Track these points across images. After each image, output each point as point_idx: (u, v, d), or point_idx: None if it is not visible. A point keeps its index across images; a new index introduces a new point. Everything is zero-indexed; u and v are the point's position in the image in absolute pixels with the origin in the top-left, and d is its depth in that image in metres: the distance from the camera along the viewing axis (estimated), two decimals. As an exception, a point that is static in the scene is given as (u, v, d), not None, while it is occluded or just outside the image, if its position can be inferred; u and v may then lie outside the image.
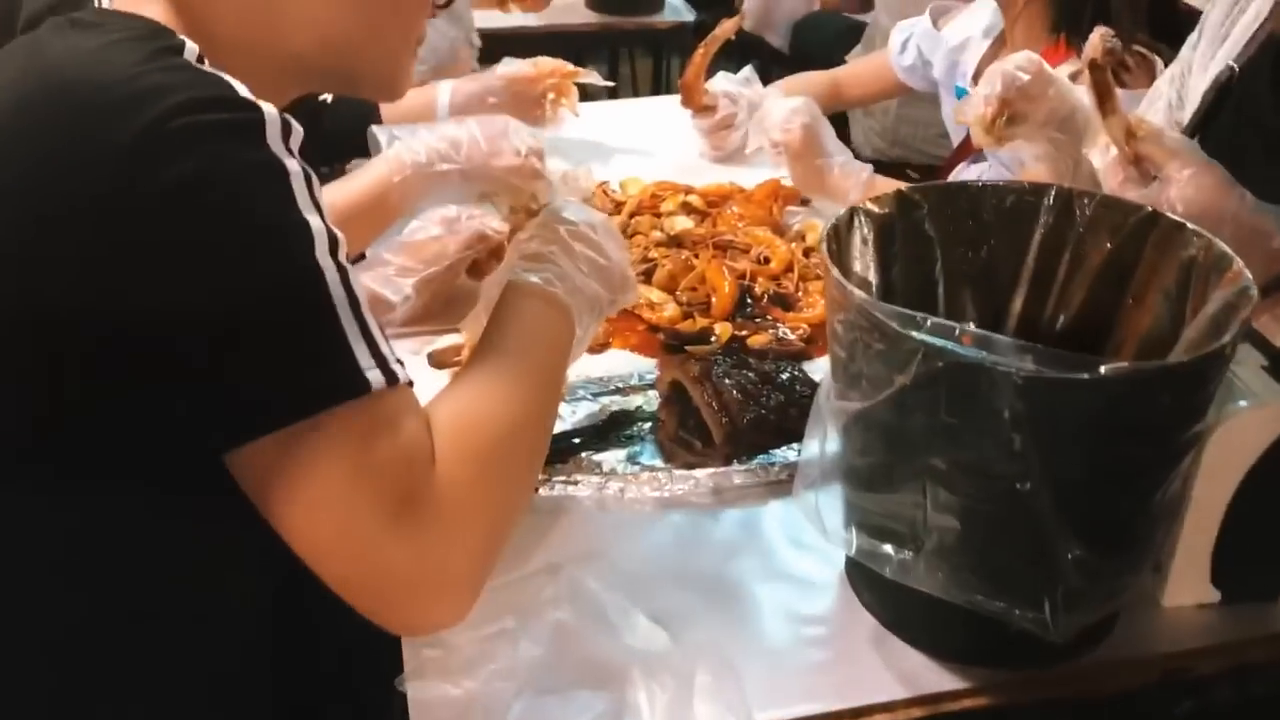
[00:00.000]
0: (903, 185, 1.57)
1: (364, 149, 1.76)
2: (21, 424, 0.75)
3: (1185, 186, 1.05)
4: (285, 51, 0.85)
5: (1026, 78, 1.25)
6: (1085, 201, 0.97)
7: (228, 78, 0.74)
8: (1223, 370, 0.80)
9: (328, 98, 1.74)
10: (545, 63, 1.75)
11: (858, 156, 1.64)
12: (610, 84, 1.81)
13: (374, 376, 0.73)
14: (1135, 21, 1.58)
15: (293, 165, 0.73)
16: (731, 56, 3.96)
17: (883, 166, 2.36)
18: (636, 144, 1.87)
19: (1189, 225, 0.92)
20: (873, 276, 0.96)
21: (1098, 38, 1.12)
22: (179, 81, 0.71)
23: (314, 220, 0.73)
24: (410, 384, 0.77)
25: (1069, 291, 0.99)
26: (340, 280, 0.74)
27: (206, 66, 0.77)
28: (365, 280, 1.28)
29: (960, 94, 1.77)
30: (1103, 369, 0.73)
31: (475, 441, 0.80)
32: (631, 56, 2.95)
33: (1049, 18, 1.60)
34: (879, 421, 0.82)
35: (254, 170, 0.71)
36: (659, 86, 2.71)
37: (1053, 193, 0.98)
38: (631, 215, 1.57)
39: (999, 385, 0.74)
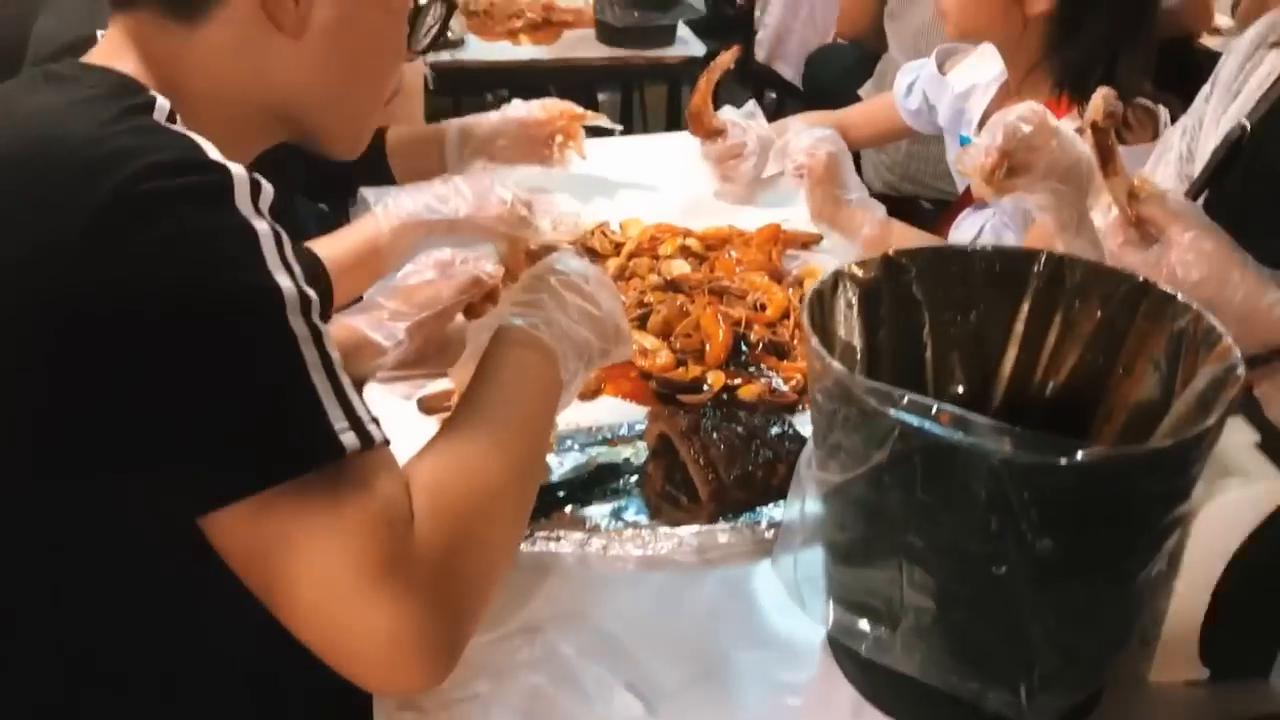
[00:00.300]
0: (915, 231, 1.58)
1: (375, 178, 1.76)
2: None
3: (1186, 251, 1.03)
4: (258, 106, 0.86)
5: (1028, 129, 1.24)
6: (1075, 269, 0.96)
7: (196, 138, 0.75)
8: (1207, 453, 0.78)
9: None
10: (554, 105, 1.75)
11: (870, 191, 1.64)
12: (618, 126, 1.81)
13: (348, 439, 0.73)
14: (1140, 77, 1.56)
15: (262, 226, 0.73)
16: (745, 88, 3.97)
17: (894, 201, 2.37)
18: (643, 179, 1.86)
19: (1179, 296, 0.90)
20: (857, 341, 0.95)
21: (1099, 99, 1.10)
22: (146, 144, 0.71)
23: (285, 282, 0.72)
24: (386, 443, 0.77)
25: (1059, 358, 0.98)
26: (313, 341, 0.74)
27: (177, 125, 0.77)
28: (358, 324, 1.28)
29: (965, 143, 1.76)
30: (1080, 454, 0.71)
31: (456, 502, 0.79)
32: (641, 88, 2.95)
33: (1053, 76, 1.58)
34: (856, 497, 0.81)
35: (222, 234, 0.71)
36: (672, 117, 2.71)
37: (1043, 259, 0.97)
38: (630, 257, 1.57)
39: (975, 467, 0.73)
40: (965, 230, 1.74)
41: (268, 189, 0.76)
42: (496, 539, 0.82)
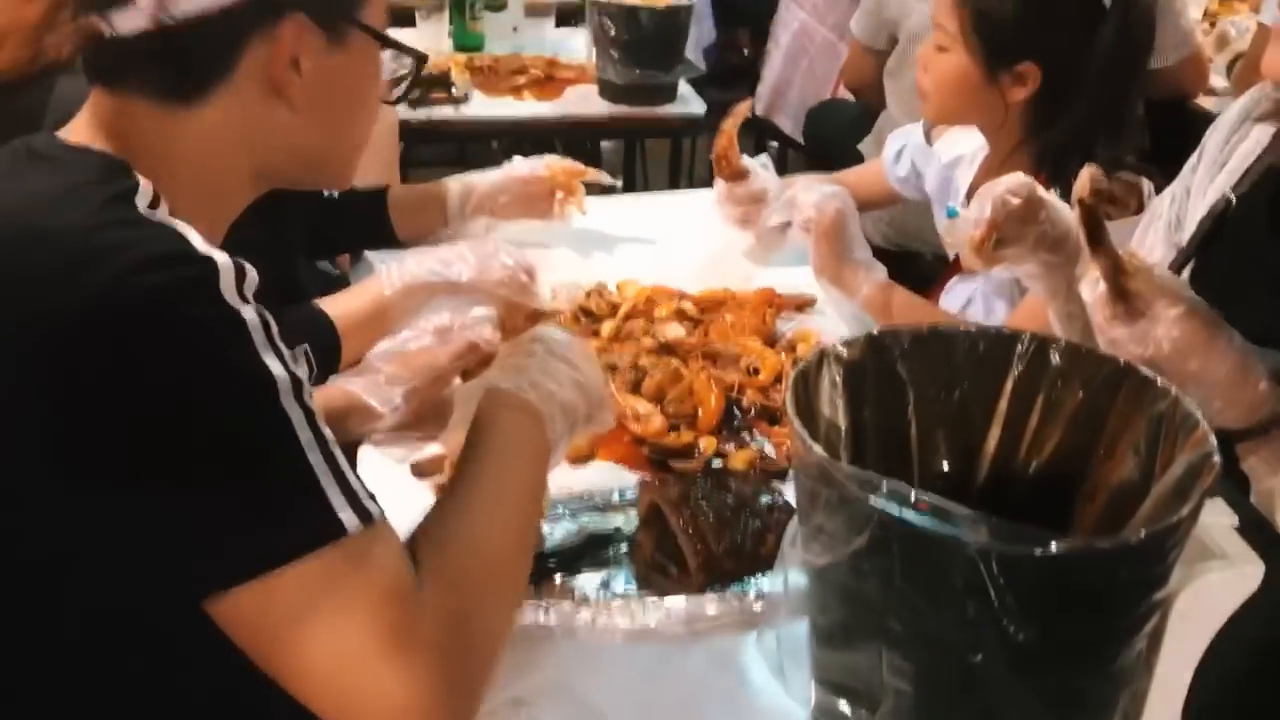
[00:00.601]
0: (914, 298, 1.59)
1: (377, 236, 1.79)
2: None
3: (1173, 326, 1.05)
4: (247, 171, 0.88)
5: (1017, 202, 1.26)
6: (1058, 350, 0.97)
7: (180, 227, 0.76)
8: (1183, 541, 0.79)
9: (333, 193, 1.77)
10: (555, 162, 1.78)
11: (870, 244, 1.66)
12: (617, 182, 1.83)
13: (348, 518, 0.74)
14: (1122, 152, 1.58)
15: (249, 314, 0.74)
16: (746, 139, 4.02)
17: (894, 255, 2.39)
18: (642, 235, 1.89)
19: (1159, 381, 0.91)
20: (842, 419, 0.96)
21: (1087, 176, 1.12)
22: (132, 237, 0.73)
23: (275, 366, 0.74)
24: (384, 517, 0.78)
25: (1042, 437, 0.99)
26: (307, 423, 0.75)
27: (160, 210, 0.78)
28: (355, 388, 1.30)
29: (952, 214, 1.78)
30: (1055, 545, 0.72)
31: (460, 570, 0.81)
32: (643, 142, 2.98)
33: (1033, 158, 1.61)
34: (837, 580, 0.82)
35: (211, 325, 0.73)
36: (674, 173, 2.74)
37: (1026, 340, 0.98)
38: (626, 319, 1.58)
39: (952, 555, 0.74)
40: (955, 298, 1.76)
41: (252, 275, 0.77)
42: (501, 603, 0.85)
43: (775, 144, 3.56)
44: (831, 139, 3.07)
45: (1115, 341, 1.05)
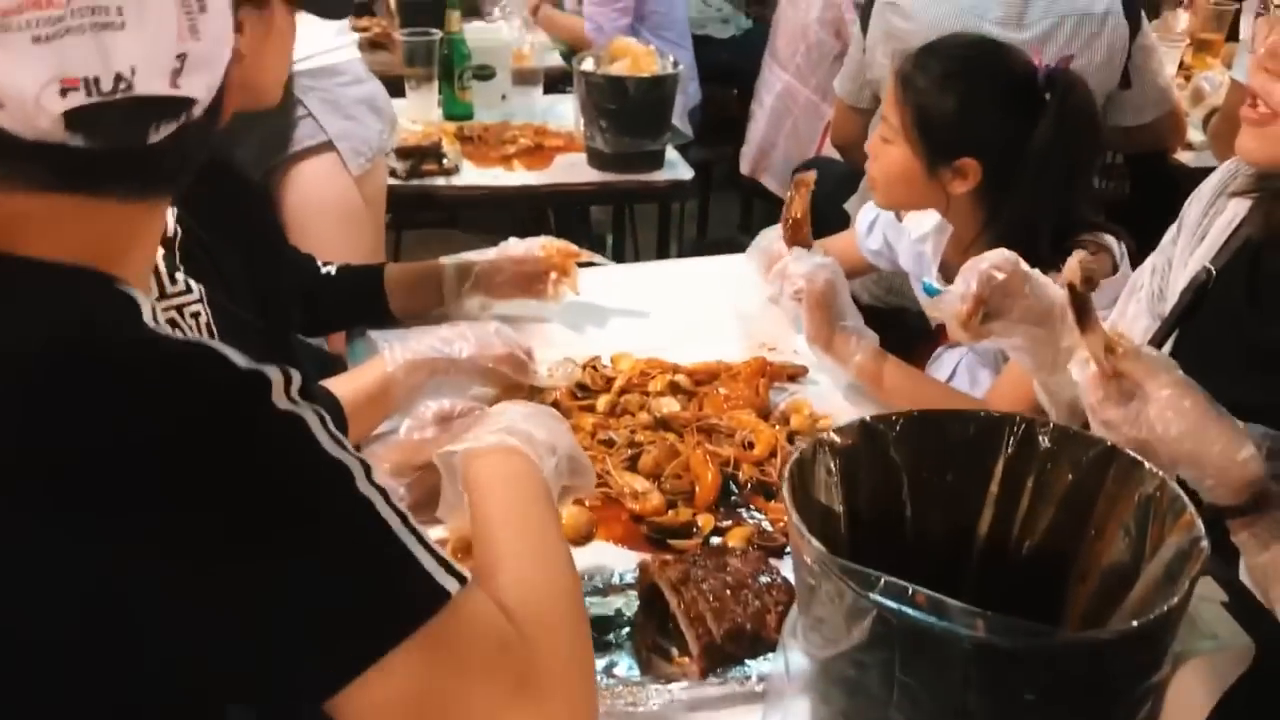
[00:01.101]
0: (905, 368, 1.62)
1: (372, 314, 1.81)
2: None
3: (1165, 407, 1.06)
4: None
5: (1001, 276, 1.28)
6: (1046, 433, 1.00)
7: (214, 346, 0.77)
8: (1175, 627, 0.81)
9: (330, 270, 1.80)
10: (550, 243, 1.81)
11: (857, 303, 1.69)
12: (609, 261, 1.87)
13: (448, 582, 0.76)
14: (1087, 214, 1.62)
15: (306, 413, 0.76)
16: (732, 198, 4.06)
17: (881, 313, 2.42)
18: (634, 306, 1.91)
19: (1146, 464, 0.94)
20: (838, 505, 0.98)
21: (1076, 261, 1.15)
22: (173, 370, 0.72)
23: (343, 455, 0.76)
24: (472, 575, 0.80)
25: (1033, 518, 1.01)
26: (386, 502, 0.77)
27: (160, 322, 0.77)
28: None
29: (928, 289, 1.81)
30: (1050, 639, 0.74)
31: (542, 608, 0.85)
32: (632, 208, 3.02)
33: (995, 241, 1.63)
34: (839, 671, 0.84)
35: (276, 434, 0.74)
36: (663, 237, 2.78)
37: (1015, 423, 1.01)
38: (621, 393, 1.61)
39: (950, 649, 0.76)
40: (941, 366, 1.79)
41: (296, 376, 0.79)
42: (582, 626, 0.89)
43: (762, 203, 3.61)
44: (817, 198, 3.10)
45: (1109, 423, 1.06)
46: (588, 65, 2.50)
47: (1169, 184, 2.83)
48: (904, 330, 2.34)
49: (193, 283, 1.25)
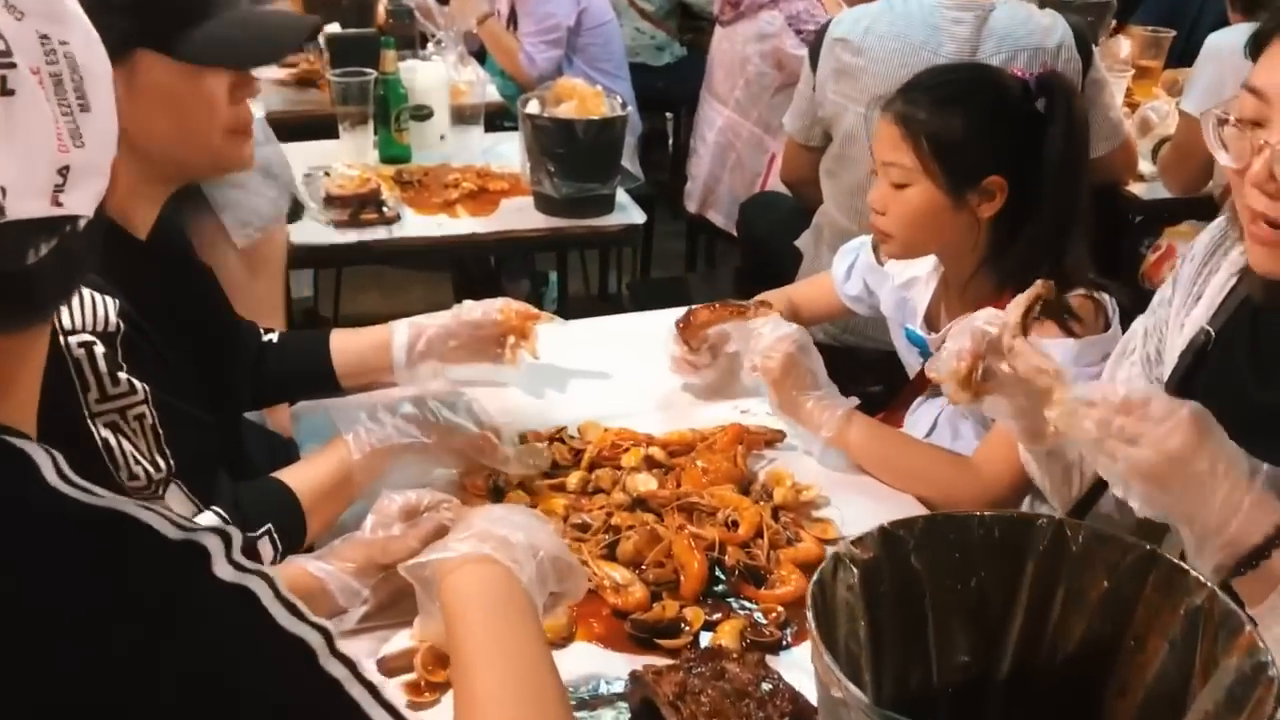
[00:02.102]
0: (874, 426, 1.55)
1: (317, 382, 1.70)
2: None
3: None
4: None
5: (995, 330, 1.23)
6: (1078, 534, 0.93)
7: (142, 515, 0.65)
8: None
9: (273, 337, 1.68)
10: (507, 306, 1.71)
11: (814, 340, 1.62)
12: (565, 324, 1.77)
13: None
14: (1084, 268, 1.57)
15: (253, 582, 0.66)
16: (677, 236, 3.98)
17: (836, 350, 2.35)
18: (593, 366, 1.82)
19: (1191, 571, 0.87)
20: (861, 626, 0.90)
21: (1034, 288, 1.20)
22: (85, 538, 0.62)
23: (301, 629, 0.66)
24: None
25: (1066, 626, 0.94)
26: (354, 676, 0.68)
27: (69, 477, 0.65)
28: (321, 575, 1.20)
29: (910, 334, 1.75)
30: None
31: None
32: (583, 257, 2.92)
33: (996, 276, 1.60)
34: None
35: (224, 608, 0.64)
36: (604, 277, 2.68)
37: (1043, 524, 0.93)
38: (591, 467, 1.51)
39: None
40: (920, 419, 1.72)
41: (237, 537, 0.69)
42: None
43: (707, 238, 3.54)
44: (767, 234, 3.05)
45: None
46: (533, 108, 2.41)
47: (1120, 216, 2.82)
48: (860, 367, 2.29)
49: (136, 382, 1.14)
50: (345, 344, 1.71)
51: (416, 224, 2.41)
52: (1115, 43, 3.26)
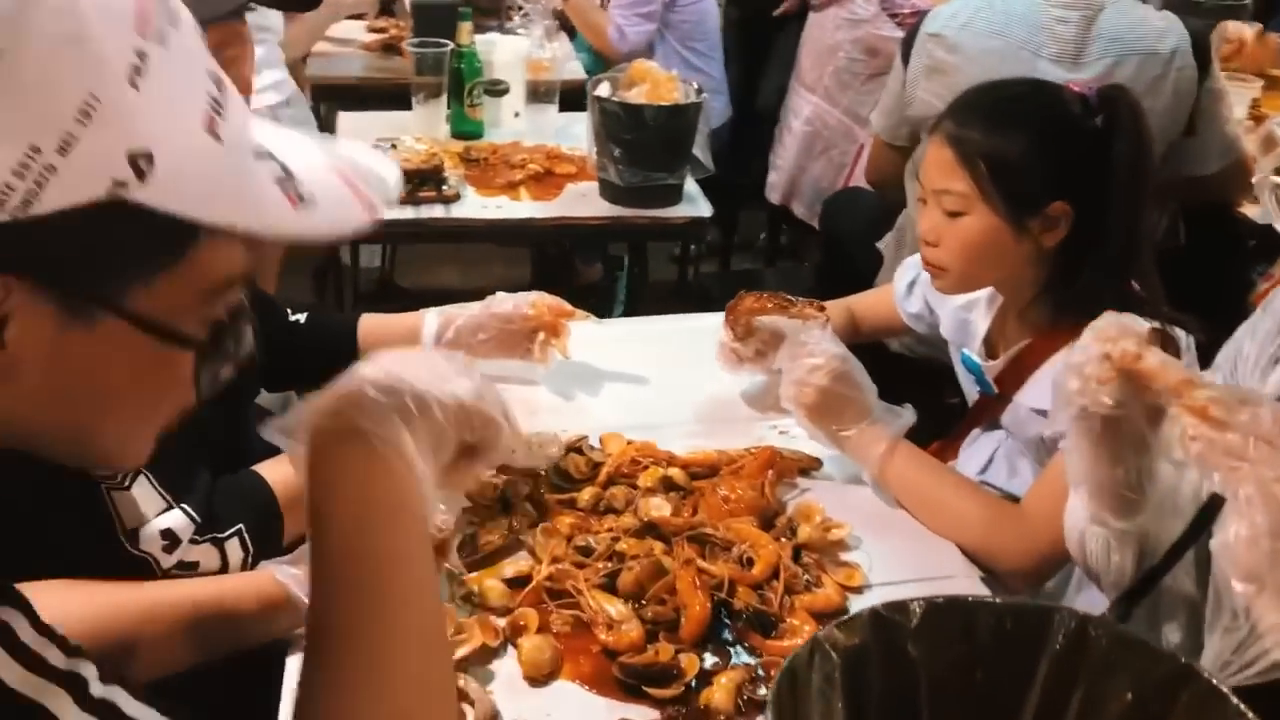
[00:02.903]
0: (920, 458, 1.42)
1: (336, 373, 1.63)
2: None
3: None
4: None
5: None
6: (1102, 635, 0.80)
7: None
8: None
9: (300, 318, 1.63)
10: (541, 300, 1.62)
11: (883, 349, 1.49)
12: (602, 322, 1.67)
13: None
14: (1155, 301, 1.43)
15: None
16: (758, 225, 3.84)
17: (911, 363, 2.22)
18: (634, 371, 1.72)
19: (1233, 698, 0.74)
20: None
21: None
22: None
23: (38, 690, 0.58)
24: None
25: (1081, 738, 0.81)
26: None
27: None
28: (287, 581, 1.13)
29: (966, 359, 1.62)
30: None
31: None
32: (644, 248, 2.81)
33: (1053, 305, 1.48)
34: None
35: None
36: (683, 272, 2.57)
37: (1063, 618, 0.81)
38: (607, 484, 1.41)
39: None
40: (977, 453, 1.58)
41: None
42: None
43: (787, 228, 3.40)
44: (849, 232, 2.91)
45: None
46: (603, 90, 2.31)
47: (1228, 238, 2.61)
48: (933, 379, 2.13)
49: None
50: (374, 329, 1.64)
51: (475, 204, 2.33)
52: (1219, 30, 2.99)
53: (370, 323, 1.65)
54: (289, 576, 1.14)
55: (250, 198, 0.58)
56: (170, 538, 1.15)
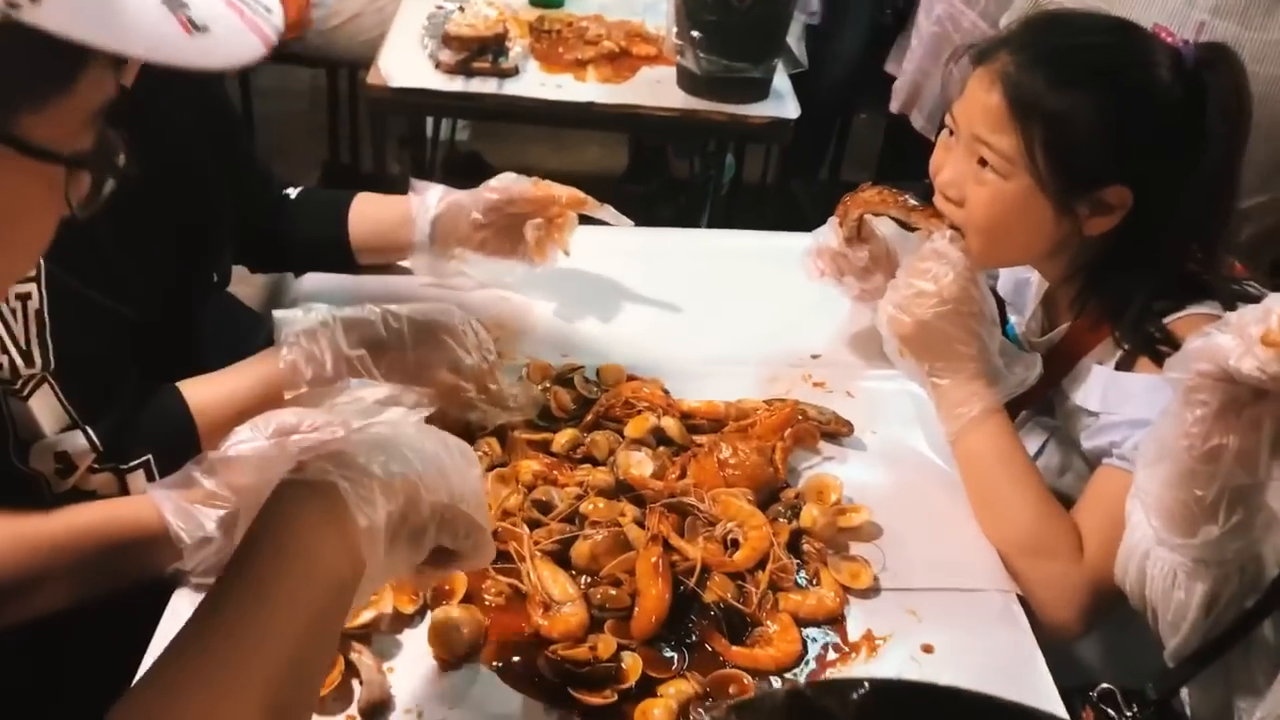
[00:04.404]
0: (1008, 440, 1.18)
1: (323, 258, 1.45)
2: None
3: None
4: None
5: None
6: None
7: None
8: None
9: (293, 193, 1.44)
10: (553, 187, 1.40)
11: None
12: (629, 222, 1.43)
13: None
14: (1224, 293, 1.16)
15: None
16: (875, 136, 3.49)
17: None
18: (656, 295, 1.49)
19: None
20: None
21: None
22: None
23: None
24: None
25: None
26: None
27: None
28: (165, 507, 0.96)
29: (1010, 332, 1.35)
30: None
31: None
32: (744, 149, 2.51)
33: (1074, 295, 1.24)
34: None
35: None
36: (786, 177, 2.28)
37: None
38: (592, 426, 1.20)
39: None
40: (1027, 440, 1.27)
41: None
42: None
43: (914, 149, 3.06)
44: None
45: None
46: (689, -37, 2.03)
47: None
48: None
49: None
50: (366, 210, 1.44)
51: (533, 81, 2.09)
52: None
53: (363, 205, 1.45)
54: (167, 504, 0.96)
55: (144, 24, 0.53)
56: (65, 461, 0.98)
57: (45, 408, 0.97)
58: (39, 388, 0.96)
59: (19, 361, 0.93)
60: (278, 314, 1.14)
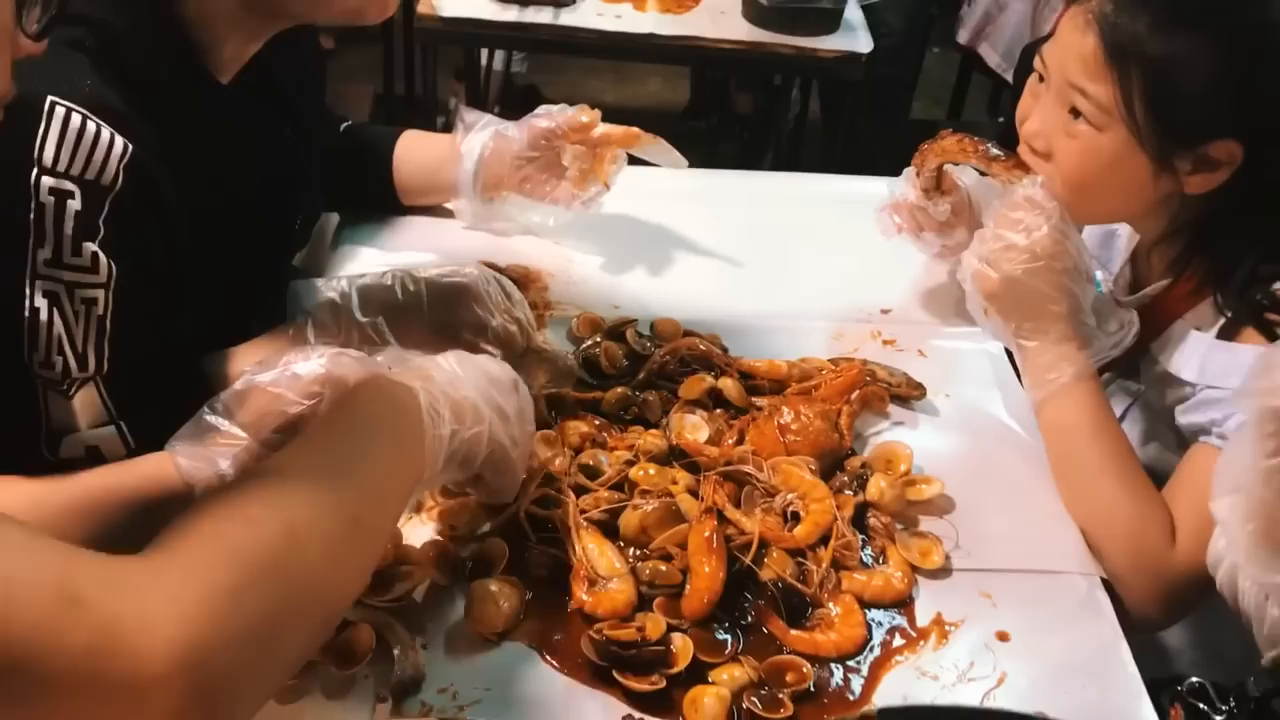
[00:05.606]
0: (1085, 404, 1.09)
1: (367, 196, 1.39)
2: None
3: None
4: None
5: None
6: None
7: None
8: None
9: (343, 128, 1.38)
10: (587, 111, 1.31)
11: None
12: (683, 162, 1.34)
13: None
14: None
15: None
16: (945, 71, 3.34)
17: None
18: (715, 247, 1.40)
19: None
20: None
21: None
22: None
23: None
24: None
25: None
26: None
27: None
28: (177, 456, 0.89)
29: (1098, 289, 1.25)
30: None
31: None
32: (810, 84, 2.40)
33: (1181, 253, 1.12)
34: None
35: None
36: (833, 127, 2.19)
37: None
38: (643, 386, 1.13)
39: None
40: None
41: None
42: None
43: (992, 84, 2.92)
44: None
45: None
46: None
47: None
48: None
49: (104, 260, 0.86)
50: (411, 150, 1.37)
51: (590, 11, 1.99)
52: None
53: (409, 142, 1.38)
54: (180, 450, 0.90)
55: None
56: (95, 455, 0.93)
57: (86, 405, 0.92)
58: (84, 386, 0.91)
59: (73, 364, 0.89)
60: (294, 285, 1.08)
